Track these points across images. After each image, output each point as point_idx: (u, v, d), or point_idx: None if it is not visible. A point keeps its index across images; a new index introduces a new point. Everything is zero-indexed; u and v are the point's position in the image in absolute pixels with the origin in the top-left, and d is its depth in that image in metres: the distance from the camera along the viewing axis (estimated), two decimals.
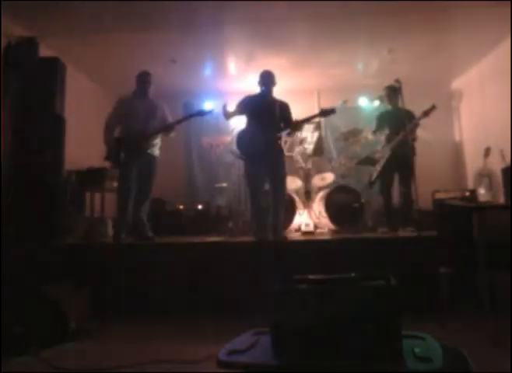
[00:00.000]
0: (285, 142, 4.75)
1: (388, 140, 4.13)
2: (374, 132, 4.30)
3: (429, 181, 4.66)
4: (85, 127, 4.81)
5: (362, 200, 4.58)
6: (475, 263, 2.27)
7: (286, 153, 4.38)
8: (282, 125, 3.67)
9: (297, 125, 3.72)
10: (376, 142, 4.42)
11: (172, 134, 3.87)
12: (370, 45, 5.06)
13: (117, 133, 3.81)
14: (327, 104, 6.17)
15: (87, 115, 5.09)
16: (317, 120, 5.40)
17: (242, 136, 3.67)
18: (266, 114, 3.59)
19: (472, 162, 5.89)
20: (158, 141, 3.81)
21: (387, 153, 4.11)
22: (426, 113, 3.81)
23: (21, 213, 3.58)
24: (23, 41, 3.97)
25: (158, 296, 3.07)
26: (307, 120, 3.73)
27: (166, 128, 3.76)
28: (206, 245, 3.48)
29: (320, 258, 3.04)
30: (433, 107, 3.77)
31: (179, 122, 3.80)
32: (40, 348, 2.32)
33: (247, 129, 3.70)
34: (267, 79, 3.71)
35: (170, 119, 3.87)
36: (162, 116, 3.82)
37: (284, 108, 3.72)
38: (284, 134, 3.85)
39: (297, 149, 5.06)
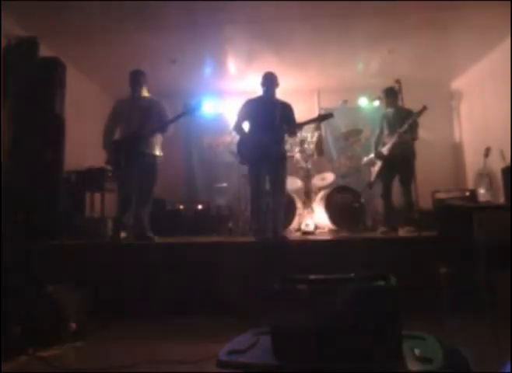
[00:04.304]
0: (285, 142, 4.74)
1: (387, 141, 4.13)
2: (378, 138, 4.27)
3: (429, 181, 4.66)
4: (85, 127, 4.82)
5: (362, 200, 4.58)
6: (475, 263, 2.27)
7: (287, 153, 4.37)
8: (285, 126, 3.66)
9: (295, 126, 3.72)
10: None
11: (169, 133, 3.79)
12: (370, 45, 5.07)
13: (116, 135, 3.79)
14: (327, 104, 6.22)
15: (87, 115, 5.09)
16: None
17: (243, 141, 3.67)
18: (268, 116, 3.58)
19: (472, 162, 5.89)
20: (157, 141, 3.79)
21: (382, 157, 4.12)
22: (418, 114, 3.83)
23: (21, 213, 3.58)
24: (23, 41, 3.97)
25: (158, 296, 3.07)
26: (305, 124, 3.74)
27: (160, 128, 3.71)
28: (206, 245, 3.48)
29: (320, 258, 3.03)
30: (424, 108, 3.80)
31: (171, 121, 3.71)
32: (40, 348, 2.32)
33: (248, 134, 3.70)
34: (269, 80, 3.70)
35: (170, 115, 3.82)
36: (159, 113, 3.75)
37: (287, 109, 3.72)
38: (286, 135, 3.84)
39: (297, 149, 5.05)
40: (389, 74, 4.38)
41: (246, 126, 3.80)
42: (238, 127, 3.75)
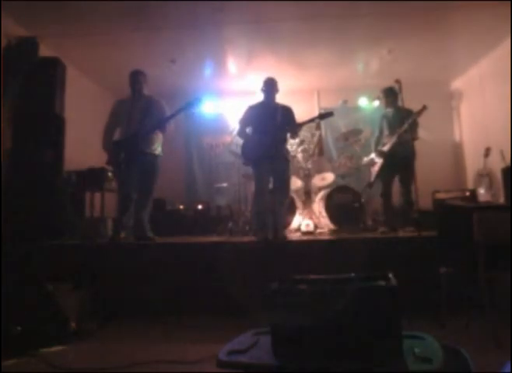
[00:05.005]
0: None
1: (387, 141, 4.14)
2: (378, 138, 4.29)
3: (429, 181, 4.66)
4: (85, 127, 4.81)
5: (362, 200, 4.58)
6: (475, 263, 2.27)
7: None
8: (287, 129, 3.67)
9: (296, 128, 3.73)
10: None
11: (169, 131, 3.76)
12: (370, 45, 5.07)
13: (116, 136, 3.79)
14: (327, 104, 6.22)
15: (87, 115, 5.09)
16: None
17: (247, 143, 3.70)
18: (270, 120, 3.61)
19: (472, 162, 5.89)
20: (158, 140, 3.78)
21: (383, 154, 4.12)
22: (418, 114, 3.84)
23: (21, 213, 3.57)
24: (23, 41, 3.97)
25: (158, 296, 3.07)
26: (305, 123, 3.75)
27: (158, 126, 3.68)
28: (206, 245, 3.48)
29: (320, 258, 3.03)
30: (424, 108, 3.81)
31: (170, 118, 3.69)
32: (40, 348, 2.32)
33: (252, 138, 3.71)
34: (270, 86, 3.74)
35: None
36: (159, 113, 3.74)
37: (288, 111, 3.75)
38: (288, 137, 3.85)
39: (297, 149, 5.05)
40: (389, 74, 4.37)
41: (248, 131, 3.82)
42: (242, 133, 3.78)
